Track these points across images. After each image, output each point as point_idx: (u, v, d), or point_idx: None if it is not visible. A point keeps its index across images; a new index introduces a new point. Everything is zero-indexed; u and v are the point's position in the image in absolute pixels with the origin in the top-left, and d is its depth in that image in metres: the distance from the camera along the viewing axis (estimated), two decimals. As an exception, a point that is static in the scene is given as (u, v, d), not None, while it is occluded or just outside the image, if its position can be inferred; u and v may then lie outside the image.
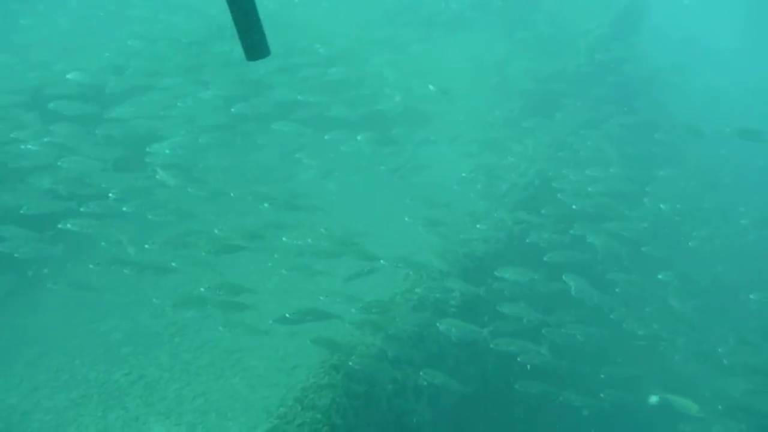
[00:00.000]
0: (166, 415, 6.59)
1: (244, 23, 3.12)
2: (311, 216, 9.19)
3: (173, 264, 7.93)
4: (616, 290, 9.12)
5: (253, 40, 3.18)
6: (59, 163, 8.81)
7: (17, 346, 7.63)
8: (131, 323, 7.90)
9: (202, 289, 7.31)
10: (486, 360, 8.16)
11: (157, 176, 9.00)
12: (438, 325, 7.18)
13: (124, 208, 8.34)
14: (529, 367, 7.61)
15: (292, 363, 7.00)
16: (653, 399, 8.88)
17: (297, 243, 8.33)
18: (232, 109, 10.57)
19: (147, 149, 9.57)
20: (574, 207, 9.55)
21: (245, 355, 7.33)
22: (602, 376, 8.64)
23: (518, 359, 7.54)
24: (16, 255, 7.70)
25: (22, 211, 8.14)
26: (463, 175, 10.79)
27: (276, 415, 5.69)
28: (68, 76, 10.43)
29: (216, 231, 8.32)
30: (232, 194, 9.24)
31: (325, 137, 10.54)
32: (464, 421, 8.10)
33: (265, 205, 8.95)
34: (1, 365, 7.35)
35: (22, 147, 8.98)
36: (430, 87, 11.84)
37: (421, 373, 6.77)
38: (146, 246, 7.94)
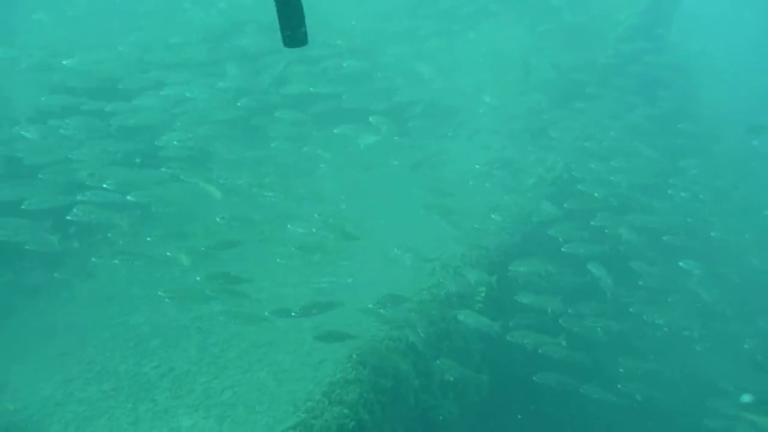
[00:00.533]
0: (194, 408, 6.67)
1: (286, 10, 3.14)
2: (321, 208, 9.14)
3: (168, 253, 7.98)
4: (639, 282, 9.01)
5: (293, 28, 3.19)
6: (71, 156, 8.88)
7: (50, 339, 7.78)
8: (159, 316, 7.99)
9: (198, 278, 7.33)
10: (513, 356, 8.10)
11: (201, 187, 9.00)
12: (457, 315, 7.19)
13: (129, 197, 8.37)
14: (552, 359, 7.57)
15: (318, 357, 7.03)
16: (746, 398, 8.78)
17: (300, 232, 8.38)
18: (238, 103, 10.55)
19: (156, 142, 9.61)
20: (596, 195, 9.45)
21: (272, 349, 7.37)
22: (621, 369, 8.56)
23: (540, 351, 7.51)
24: (27, 247, 7.79)
25: (24, 206, 8.08)
26: (477, 167, 10.65)
27: (303, 409, 5.72)
28: (80, 69, 10.55)
29: (218, 219, 8.34)
30: (240, 182, 9.24)
31: (335, 131, 10.49)
32: (490, 417, 8.06)
33: (269, 194, 8.96)
34: (35, 357, 7.50)
35: (32, 139, 9.05)
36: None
37: (437, 362, 6.73)
38: (148, 239, 7.99)
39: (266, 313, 7.26)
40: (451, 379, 7.11)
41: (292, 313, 7.12)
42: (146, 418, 6.57)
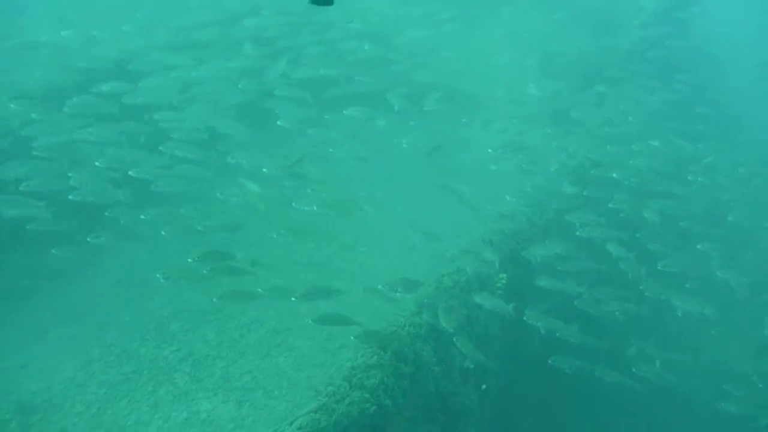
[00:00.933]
0: (214, 392, 6.68)
1: None
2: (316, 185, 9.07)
3: (163, 233, 7.87)
4: (658, 267, 8.92)
5: None
6: (76, 136, 8.76)
7: (71, 321, 7.81)
8: (179, 301, 7.99)
9: (189, 260, 7.29)
10: (532, 346, 8.02)
11: (244, 187, 8.93)
12: (474, 297, 7.15)
13: (131, 172, 8.29)
14: (569, 344, 7.52)
15: (337, 343, 6.99)
16: None
17: (304, 209, 8.33)
18: (239, 85, 10.39)
19: (162, 123, 9.44)
20: (614, 175, 9.44)
21: (291, 335, 7.36)
22: (636, 352, 8.50)
23: (558, 335, 7.46)
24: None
25: (22, 188, 7.96)
26: (490, 151, 10.52)
27: (325, 393, 5.69)
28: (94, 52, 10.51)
29: (218, 194, 8.24)
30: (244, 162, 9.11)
31: (344, 112, 10.30)
32: (509, 405, 8.01)
33: (264, 170, 8.86)
34: (55, 338, 7.54)
35: (36, 118, 8.95)
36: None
37: (454, 339, 6.65)
38: (141, 216, 7.90)
39: (259, 290, 7.23)
40: (471, 366, 7.06)
41: (292, 298, 7.06)
42: (166, 401, 6.59)
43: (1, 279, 8.22)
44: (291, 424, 5.37)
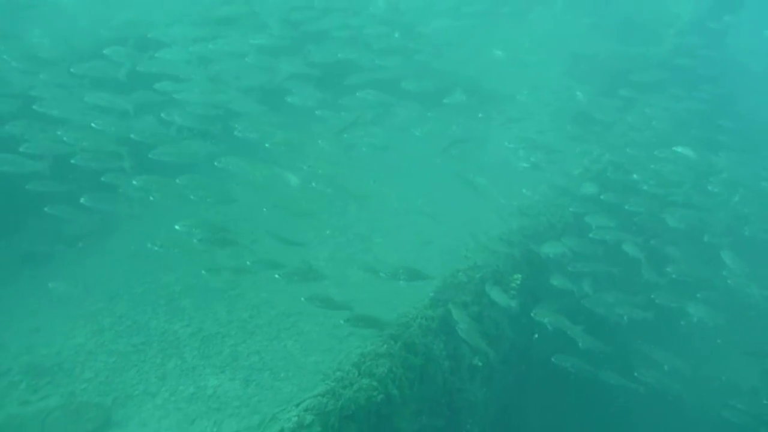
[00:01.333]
0: (221, 369, 6.70)
1: None
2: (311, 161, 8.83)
3: (151, 198, 7.70)
4: (672, 276, 8.83)
5: None
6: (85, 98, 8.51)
7: (86, 288, 7.87)
8: (192, 278, 8.03)
9: (177, 227, 7.20)
10: (543, 348, 7.94)
11: (278, 173, 8.83)
12: (486, 288, 7.14)
13: (132, 135, 8.12)
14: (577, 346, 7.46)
15: (346, 331, 6.99)
16: None
17: (295, 182, 8.35)
18: (248, 59, 9.97)
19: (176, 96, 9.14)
20: (635, 176, 9.49)
21: (301, 319, 7.37)
22: (639, 357, 8.44)
23: (568, 332, 7.41)
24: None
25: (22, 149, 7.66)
26: (506, 145, 10.39)
27: (333, 377, 5.67)
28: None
29: (216, 163, 8.10)
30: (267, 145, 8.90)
31: (357, 94, 10.02)
32: (516, 405, 7.95)
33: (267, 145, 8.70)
34: (69, 305, 7.60)
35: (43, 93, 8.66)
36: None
37: (458, 327, 6.59)
38: (134, 182, 7.71)
39: (248, 263, 7.24)
40: (480, 364, 7.01)
41: (276, 275, 7.05)
42: (174, 375, 6.62)
43: (20, 243, 8.30)
44: (297, 405, 5.35)
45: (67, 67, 8.79)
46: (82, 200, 7.61)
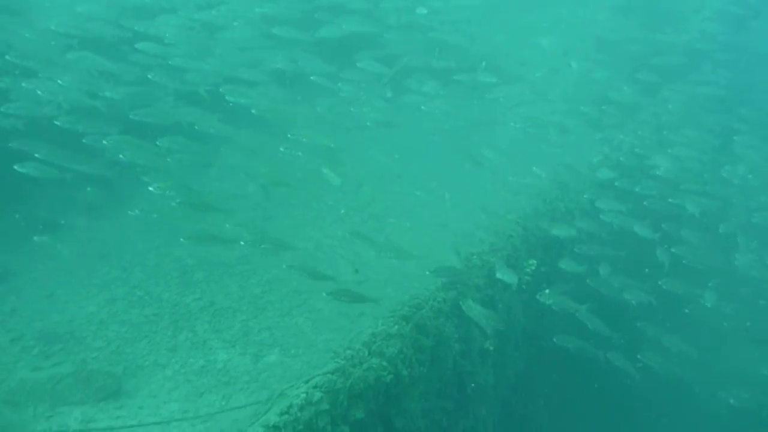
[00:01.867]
0: (231, 344, 6.71)
1: None
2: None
3: (121, 156, 7.60)
4: (683, 262, 8.73)
5: None
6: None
7: (99, 258, 7.90)
8: (205, 251, 8.01)
9: (150, 188, 7.32)
10: (552, 333, 7.86)
11: (322, 173, 8.82)
12: (497, 273, 7.07)
13: (132, 115, 8.13)
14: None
15: (357, 310, 6.95)
16: None
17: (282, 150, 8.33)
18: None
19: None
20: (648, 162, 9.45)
21: (312, 296, 7.34)
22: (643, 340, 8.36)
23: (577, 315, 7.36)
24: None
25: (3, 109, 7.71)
26: (512, 124, 10.21)
27: (343, 356, 5.65)
28: None
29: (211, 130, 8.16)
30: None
31: (358, 65, 9.90)
32: (526, 390, 7.91)
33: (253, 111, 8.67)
34: (82, 274, 7.63)
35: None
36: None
37: (462, 305, 6.54)
38: (120, 156, 7.67)
39: (242, 243, 7.28)
40: (491, 348, 6.95)
41: (241, 242, 7.28)
42: (184, 347, 6.64)
43: (36, 211, 8.31)
44: (307, 382, 5.34)
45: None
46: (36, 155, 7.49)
